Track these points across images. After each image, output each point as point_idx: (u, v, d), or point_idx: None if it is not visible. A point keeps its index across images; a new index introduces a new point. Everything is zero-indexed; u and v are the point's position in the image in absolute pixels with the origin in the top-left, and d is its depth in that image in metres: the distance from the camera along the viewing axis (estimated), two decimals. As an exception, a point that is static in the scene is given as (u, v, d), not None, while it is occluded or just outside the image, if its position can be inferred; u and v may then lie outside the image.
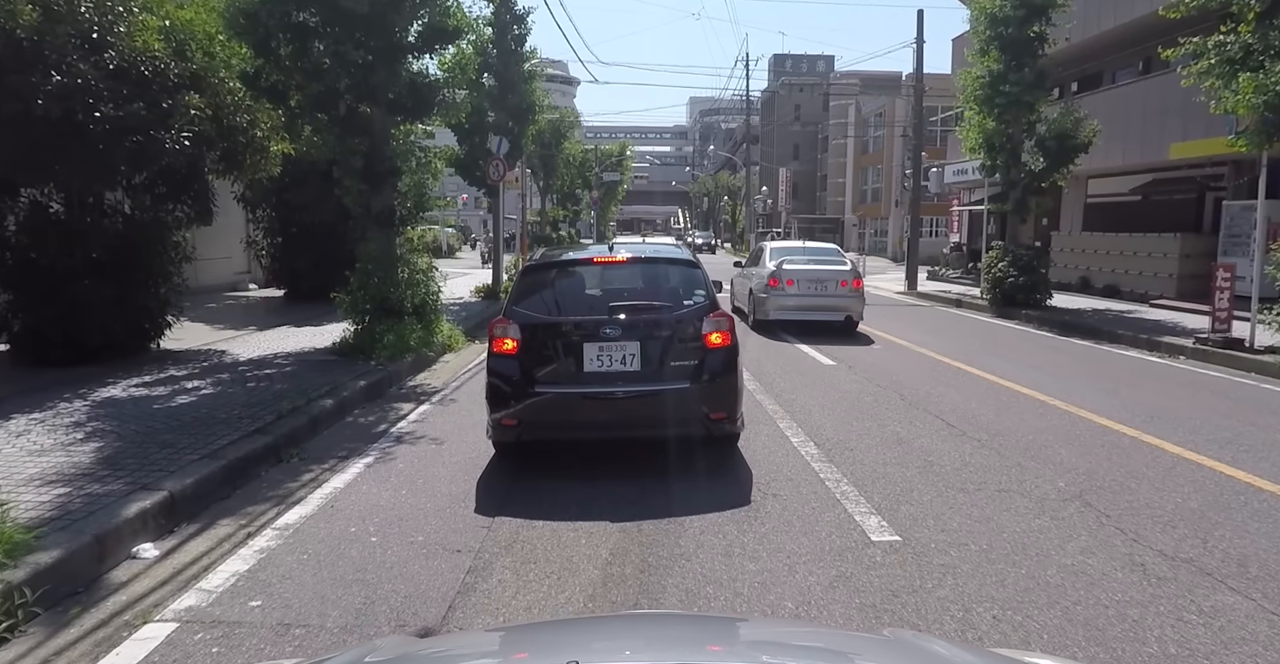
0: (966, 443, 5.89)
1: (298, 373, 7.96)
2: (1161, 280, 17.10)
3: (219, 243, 17.74)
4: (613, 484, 4.93)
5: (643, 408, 5.14)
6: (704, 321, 5.23)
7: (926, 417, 6.75)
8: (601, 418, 5.20)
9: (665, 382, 5.12)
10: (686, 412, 5.16)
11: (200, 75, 9.11)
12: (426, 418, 6.81)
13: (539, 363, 5.15)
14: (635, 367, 5.08)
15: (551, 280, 5.71)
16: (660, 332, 5.21)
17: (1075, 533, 4.12)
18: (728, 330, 5.28)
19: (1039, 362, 9.96)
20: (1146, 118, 17.67)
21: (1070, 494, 4.74)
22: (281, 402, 6.54)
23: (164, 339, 9.60)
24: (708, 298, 5.44)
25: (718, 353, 5.21)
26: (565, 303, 5.53)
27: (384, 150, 9.34)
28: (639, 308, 5.31)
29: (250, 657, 2.96)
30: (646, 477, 5.07)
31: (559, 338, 5.18)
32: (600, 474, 5.17)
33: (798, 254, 13.27)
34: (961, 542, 3.97)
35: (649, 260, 5.97)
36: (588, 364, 5.09)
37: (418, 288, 9.69)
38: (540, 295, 5.54)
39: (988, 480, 4.99)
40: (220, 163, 10.33)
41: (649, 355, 5.12)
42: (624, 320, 5.14)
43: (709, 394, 5.16)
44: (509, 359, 5.16)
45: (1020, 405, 7.27)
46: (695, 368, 5.16)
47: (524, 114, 17.04)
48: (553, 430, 5.30)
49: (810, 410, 6.94)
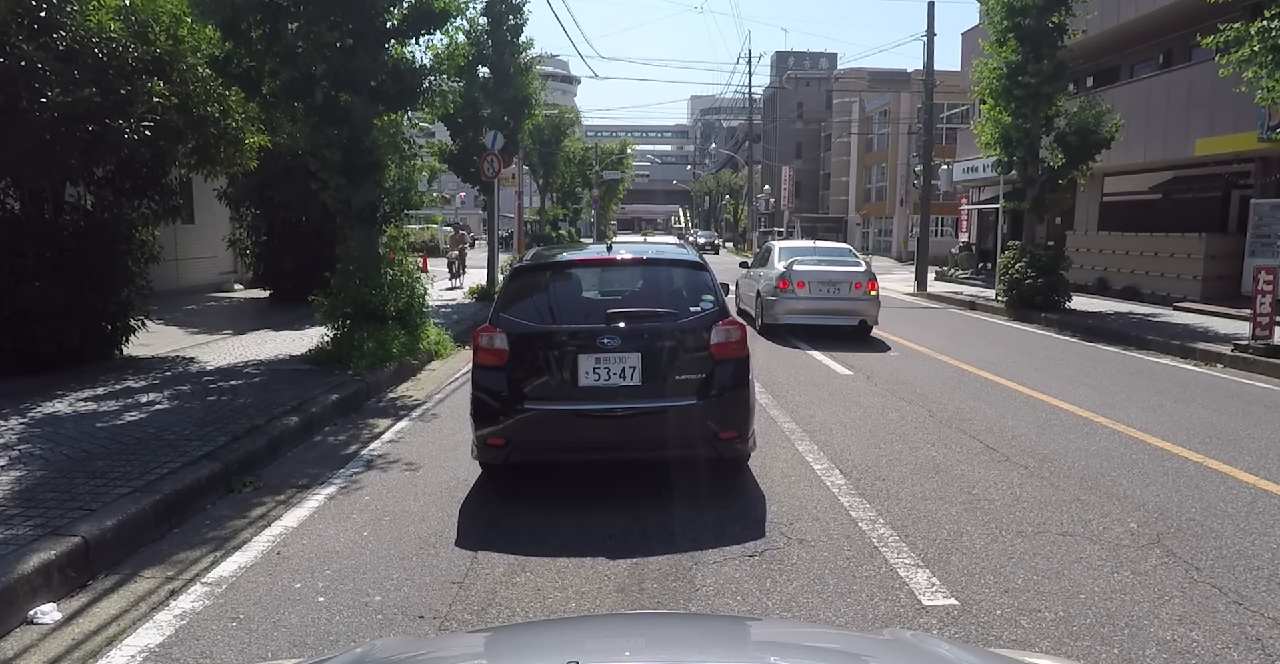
0: (1013, 471, 5.19)
1: (266, 384, 7.27)
2: (1185, 282, 16.39)
3: (202, 242, 17.09)
4: (610, 523, 4.24)
5: (644, 426, 4.58)
6: (712, 331, 4.68)
7: (961, 437, 6.05)
8: (598, 437, 4.64)
9: (669, 397, 4.58)
10: (693, 430, 4.60)
11: (164, 60, 8.41)
12: (403, 437, 6.11)
13: (529, 376, 4.59)
14: (636, 381, 4.55)
15: (544, 284, 5.11)
16: (664, 342, 4.65)
17: (1166, 593, 3.42)
18: (739, 340, 4.75)
19: (1069, 371, 9.26)
20: (1170, 112, 16.95)
21: (1146, 539, 4.04)
22: (240, 420, 5.85)
23: (129, 345, 8.92)
24: (716, 304, 4.88)
25: (728, 365, 4.67)
26: (559, 309, 4.92)
27: (364, 142, 8.63)
28: (640, 315, 4.73)
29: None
30: (650, 512, 4.37)
31: (552, 348, 4.60)
32: (596, 510, 4.47)
33: (808, 254, 12.45)
34: (1033, 607, 3.28)
35: (651, 262, 5.39)
36: (583, 378, 4.54)
37: (401, 290, 8.99)
38: (531, 301, 4.97)
39: (1046, 521, 4.28)
40: (192, 156, 9.68)
41: (651, 368, 4.57)
42: (624, 329, 4.60)
43: (718, 411, 4.61)
44: (496, 372, 4.61)
45: (1062, 423, 6.57)
46: (703, 382, 4.61)
47: (520, 107, 16.32)
48: (544, 451, 4.72)
49: (831, 429, 6.24)
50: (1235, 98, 13.58)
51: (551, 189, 49.72)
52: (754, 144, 54.45)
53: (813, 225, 52.74)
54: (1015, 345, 11.51)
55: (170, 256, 16.66)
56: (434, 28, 9.18)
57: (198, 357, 8.85)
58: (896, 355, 10.18)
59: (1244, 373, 9.32)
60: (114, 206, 8.51)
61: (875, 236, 49.37)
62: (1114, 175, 19.97)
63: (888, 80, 28.98)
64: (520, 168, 21.35)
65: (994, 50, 15.52)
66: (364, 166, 8.68)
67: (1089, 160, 15.35)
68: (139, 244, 8.87)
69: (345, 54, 8.44)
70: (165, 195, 8.99)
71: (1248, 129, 14.23)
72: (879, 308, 11.84)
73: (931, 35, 20.97)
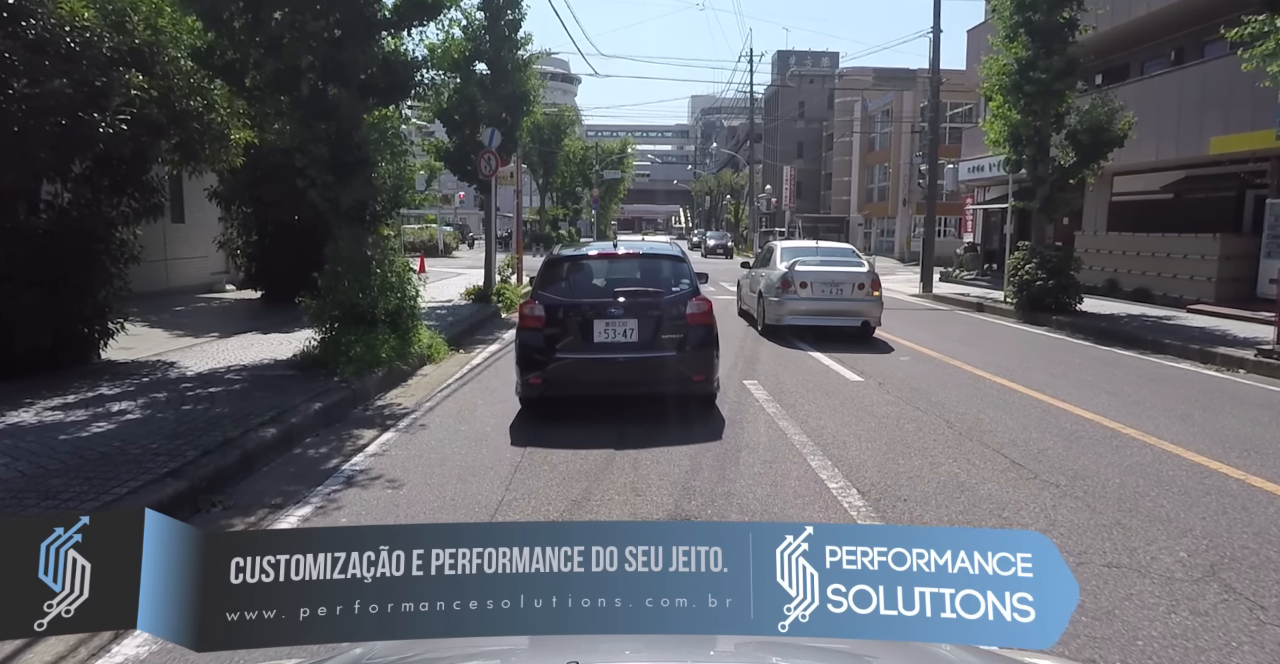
0: (1044, 490, 4.81)
1: (247, 391, 6.89)
2: (1198, 284, 16.00)
3: (192, 242, 16.72)
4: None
5: (639, 370, 6.35)
6: (687, 304, 6.47)
7: (984, 451, 5.67)
8: (607, 377, 6.41)
9: (656, 350, 6.36)
10: (673, 374, 6.36)
11: (144, 51, 8.06)
12: (388, 450, 5.73)
13: (559, 335, 6.38)
14: (633, 338, 6.34)
15: (567, 270, 7.05)
16: (653, 311, 6.42)
17: (1233, 639, 3.05)
18: (707, 311, 6.54)
19: (1088, 376, 8.88)
20: (1183, 110, 16.56)
21: (1200, 571, 3.67)
22: (214, 432, 5.47)
23: (108, 349, 8.55)
24: (691, 285, 6.71)
25: (698, 329, 6.44)
26: (578, 288, 6.81)
27: (353, 137, 8.26)
28: (636, 293, 6.58)
29: None
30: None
31: (574, 316, 6.41)
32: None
33: (811, 255, 12.24)
34: (1086, 654, 2.90)
35: (645, 255, 7.34)
36: (597, 336, 6.33)
37: (392, 292, 8.61)
38: (559, 282, 6.80)
39: (1088, 549, 3.91)
40: (175, 153, 9.31)
41: (644, 330, 6.36)
42: (625, 302, 6.43)
43: (691, 360, 6.37)
44: (535, 332, 6.38)
45: (1089, 435, 6.18)
46: (680, 340, 6.39)
47: (518, 104, 15.94)
48: (569, 388, 6.44)
49: (844, 442, 5.86)
50: (1253, 95, 13.22)
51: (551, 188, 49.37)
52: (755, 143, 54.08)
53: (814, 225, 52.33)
54: (1028, 349, 11.13)
55: (159, 257, 16.30)
56: (426, 19, 8.82)
57: (179, 361, 8.48)
58: (907, 360, 9.80)
59: (1269, 379, 8.95)
60: (92, 204, 8.14)
61: (877, 237, 49.01)
62: (1123, 175, 19.58)
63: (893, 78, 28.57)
64: (519, 166, 20.96)
65: (1003, 46, 15.17)
66: (353, 163, 8.31)
67: (1101, 159, 14.98)
68: (119, 244, 8.49)
69: (333, 45, 8.08)
70: (146, 193, 8.61)
71: (1265, 127, 13.81)
72: (882, 309, 11.63)
73: (937, 31, 20.59)
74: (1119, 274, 18.36)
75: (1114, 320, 13.66)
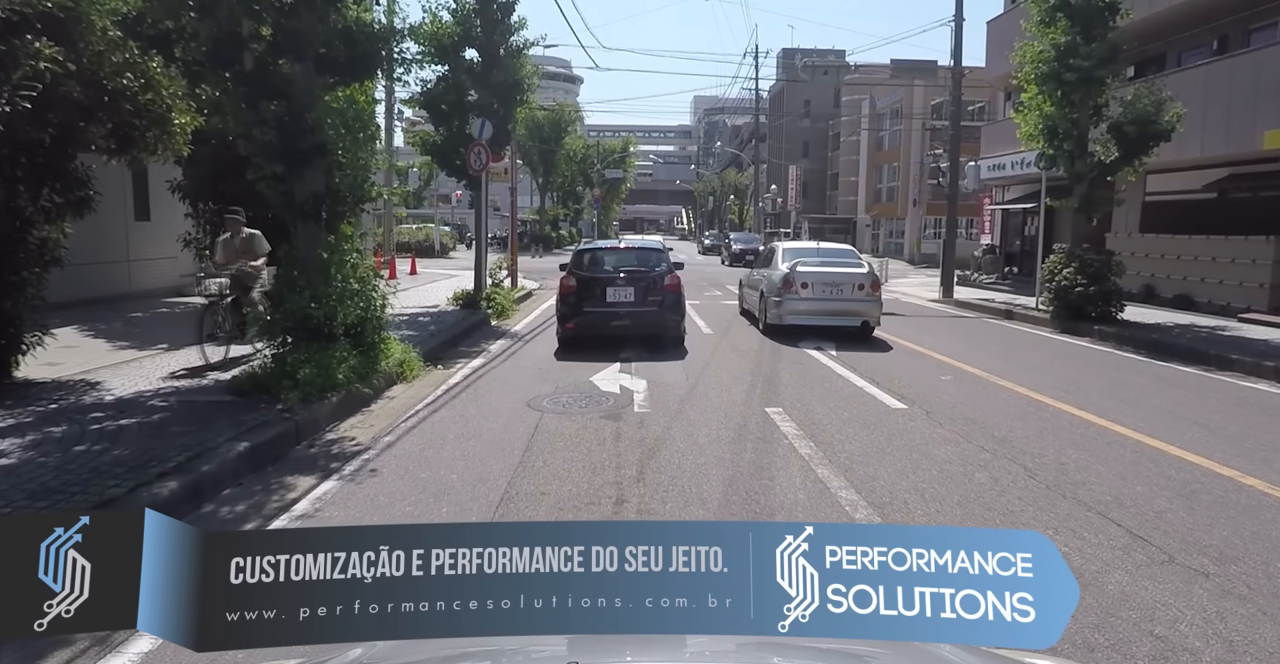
0: (1193, 584, 3.55)
1: (163, 425, 5.66)
2: (1249, 290, 14.73)
3: (158, 242, 15.52)
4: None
5: (636, 319, 10.09)
6: (665, 278, 10.34)
7: (1086, 515, 4.42)
8: (615, 324, 10.03)
9: (646, 307, 10.10)
10: (656, 321, 10.13)
11: (60, 19, 6.84)
12: (322, 508, 4.49)
13: (584, 297, 10.14)
14: (632, 299, 10.11)
15: (588, 256, 10.96)
16: (644, 282, 10.24)
17: None
18: (677, 283, 10.51)
19: (1162, 401, 7.64)
20: (1233, 101, 15.27)
21: None
22: (95, 484, 4.25)
23: (23, 366, 7.33)
24: (668, 266, 10.66)
25: (672, 293, 10.32)
26: (596, 267, 10.70)
27: (307, 120, 7.03)
28: (634, 270, 10.52)
29: None
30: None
31: (594, 285, 10.22)
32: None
33: (812, 256, 12.49)
34: None
35: (639, 248, 11.76)
36: (609, 298, 10.12)
37: (354, 301, 7.38)
38: (583, 263, 10.69)
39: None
40: (110, 139, 8.09)
41: (638, 294, 10.13)
42: (625, 276, 10.36)
43: (668, 313, 10.20)
44: (571, 295, 10.21)
45: (1208, 489, 4.93)
46: (660, 300, 10.16)
47: (510, 92, 14.67)
48: (591, 330, 10.07)
49: (906, 500, 4.61)
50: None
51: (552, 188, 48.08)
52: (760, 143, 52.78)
53: (820, 226, 50.98)
54: (1080, 365, 9.88)
55: (120, 257, 15.10)
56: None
57: (106, 381, 7.25)
58: (950, 380, 8.55)
59: (1374, 405, 7.70)
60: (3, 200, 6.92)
61: (886, 238, 47.70)
62: (1159, 173, 18.28)
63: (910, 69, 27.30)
64: (514, 161, 19.70)
65: (1039, 31, 13.92)
66: (307, 150, 7.09)
67: (1145, 153, 13.72)
68: (37, 244, 7.30)
69: (283, 11, 6.86)
70: (70, 185, 7.41)
71: (1330, 119, 12.60)
72: (881, 309, 11.94)
73: (960, 18, 19.35)
74: (1156, 279, 17.10)
75: (1164, 331, 12.41)
